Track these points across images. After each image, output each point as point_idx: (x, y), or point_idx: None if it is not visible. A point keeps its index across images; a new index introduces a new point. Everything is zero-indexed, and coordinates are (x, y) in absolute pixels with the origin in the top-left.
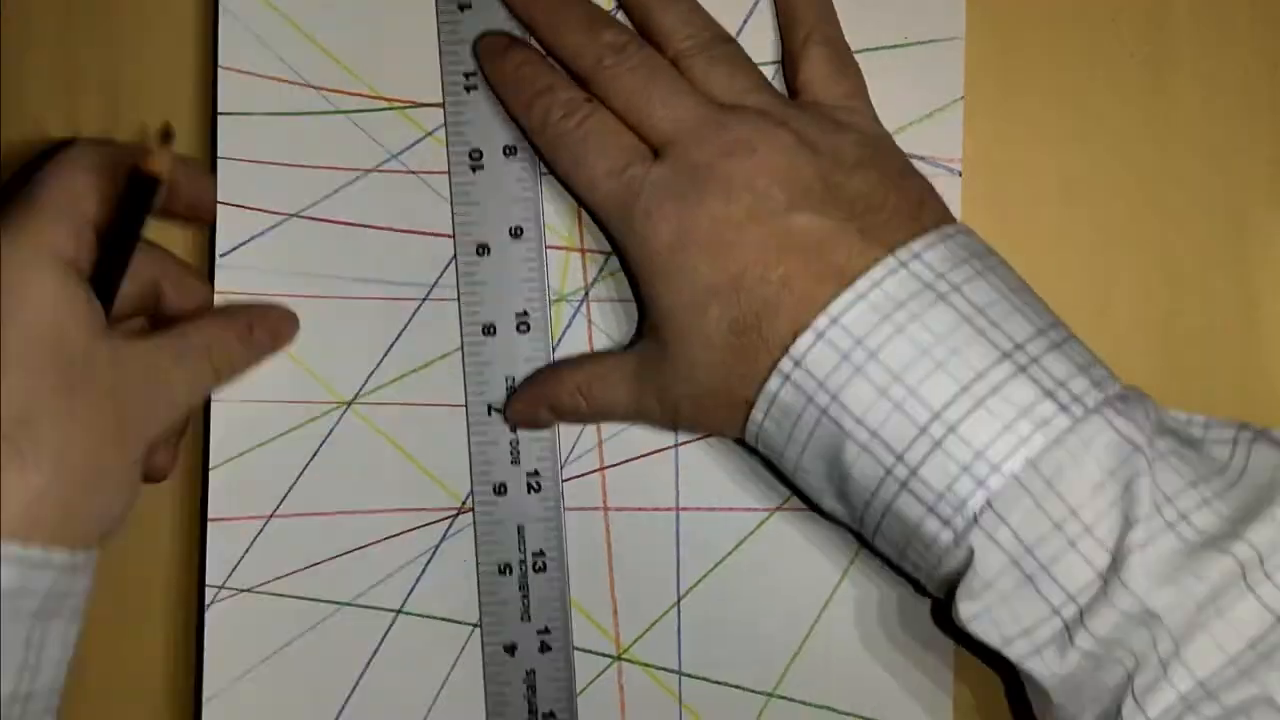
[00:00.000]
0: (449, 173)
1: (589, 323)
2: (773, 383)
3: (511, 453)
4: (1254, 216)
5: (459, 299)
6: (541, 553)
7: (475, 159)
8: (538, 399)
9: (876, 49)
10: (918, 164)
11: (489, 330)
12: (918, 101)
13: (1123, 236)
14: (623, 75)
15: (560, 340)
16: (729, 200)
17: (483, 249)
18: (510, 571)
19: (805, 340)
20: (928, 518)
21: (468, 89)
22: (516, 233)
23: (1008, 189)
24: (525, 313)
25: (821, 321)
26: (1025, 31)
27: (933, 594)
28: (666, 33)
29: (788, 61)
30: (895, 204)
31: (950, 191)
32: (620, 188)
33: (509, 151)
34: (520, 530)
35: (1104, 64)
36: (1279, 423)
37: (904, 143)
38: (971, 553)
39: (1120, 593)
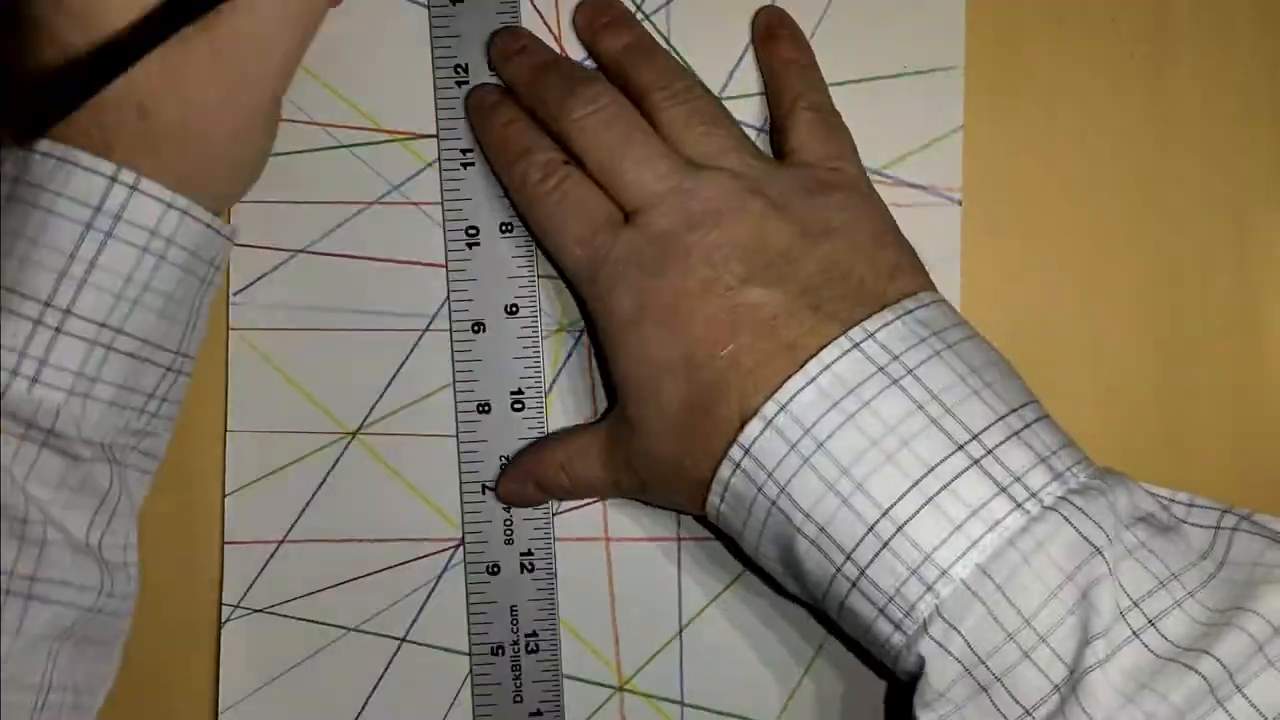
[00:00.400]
0: (445, 249)
1: (589, 352)
2: (724, 469)
3: (505, 532)
4: (1254, 216)
5: (454, 377)
6: (534, 634)
7: (471, 235)
8: (525, 476)
9: (875, 79)
10: (917, 193)
11: (484, 408)
12: (917, 131)
13: (1123, 236)
14: (596, 130)
15: (562, 368)
16: (686, 273)
17: (478, 326)
18: (502, 652)
19: (753, 428)
20: (879, 619)
21: (464, 165)
22: (512, 310)
23: (1008, 189)
24: (520, 391)
25: (769, 408)
26: (1025, 29)
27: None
28: (644, 87)
29: (776, 129)
30: (861, 275)
31: (950, 222)
32: (588, 256)
33: (505, 229)
34: (513, 611)
35: (1104, 64)
36: (1278, 424)
37: (903, 172)
38: (923, 660)
39: (1078, 716)
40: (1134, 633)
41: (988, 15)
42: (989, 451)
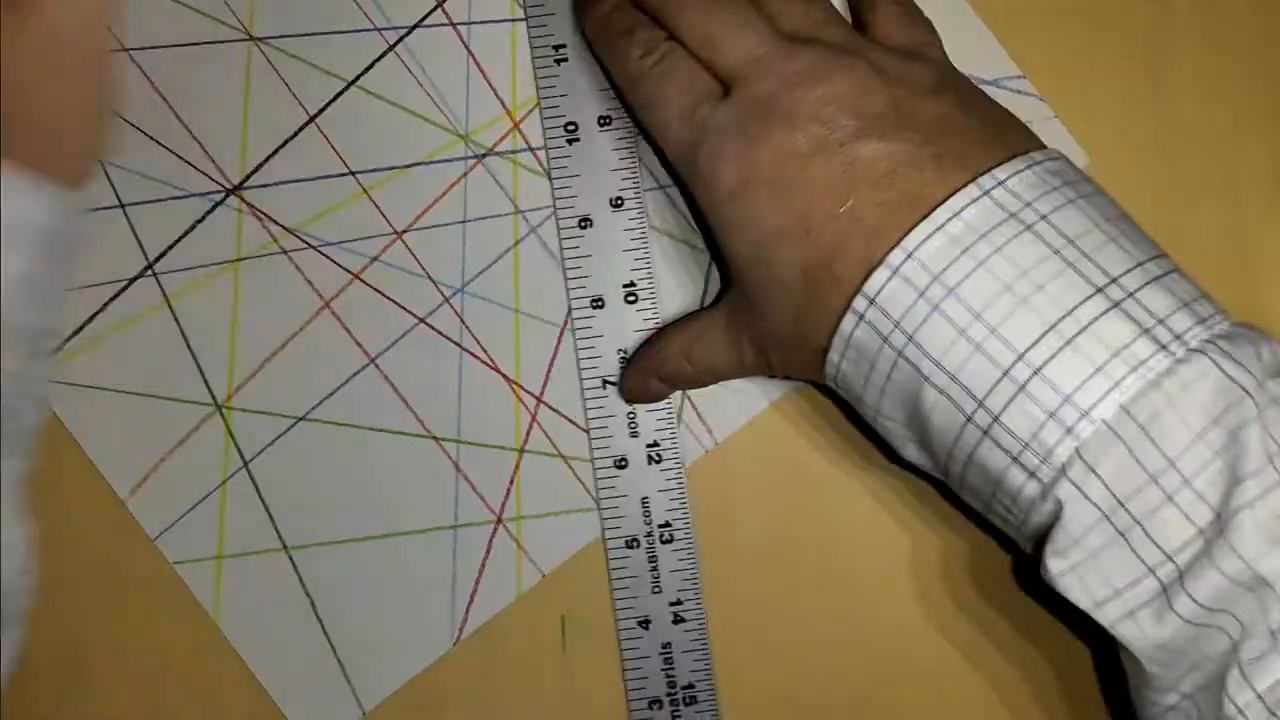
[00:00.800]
0: (545, 147)
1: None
2: (847, 322)
3: (629, 425)
4: (1254, 216)
5: (564, 273)
6: (668, 524)
7: (571, 131)
8: (647, 370)
9: None
10: None
11: (597, 303)
12: None
13: None
14: (694, 5)
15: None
16: (792, 132)
17: (585, 222)
18: (638, 545)
19: (879, 277)
20: (1011, 468)
21: (558, 61)
22: (617, 203)
23: None
24: (632, 283)
25: (896, 256)
26: (1025, 30)
27: (1023, 550)
28: None
29: (857, 25)
30: (976, 129)
31: None
32: (688, 130)
33: (604, 121)
34: (645, 502)
35: (1104, 64)
36: None
37: None
38: (1060, 506)
39: (1226, 555)
40: None
41: (987, 16)
42: (1130, 294)
